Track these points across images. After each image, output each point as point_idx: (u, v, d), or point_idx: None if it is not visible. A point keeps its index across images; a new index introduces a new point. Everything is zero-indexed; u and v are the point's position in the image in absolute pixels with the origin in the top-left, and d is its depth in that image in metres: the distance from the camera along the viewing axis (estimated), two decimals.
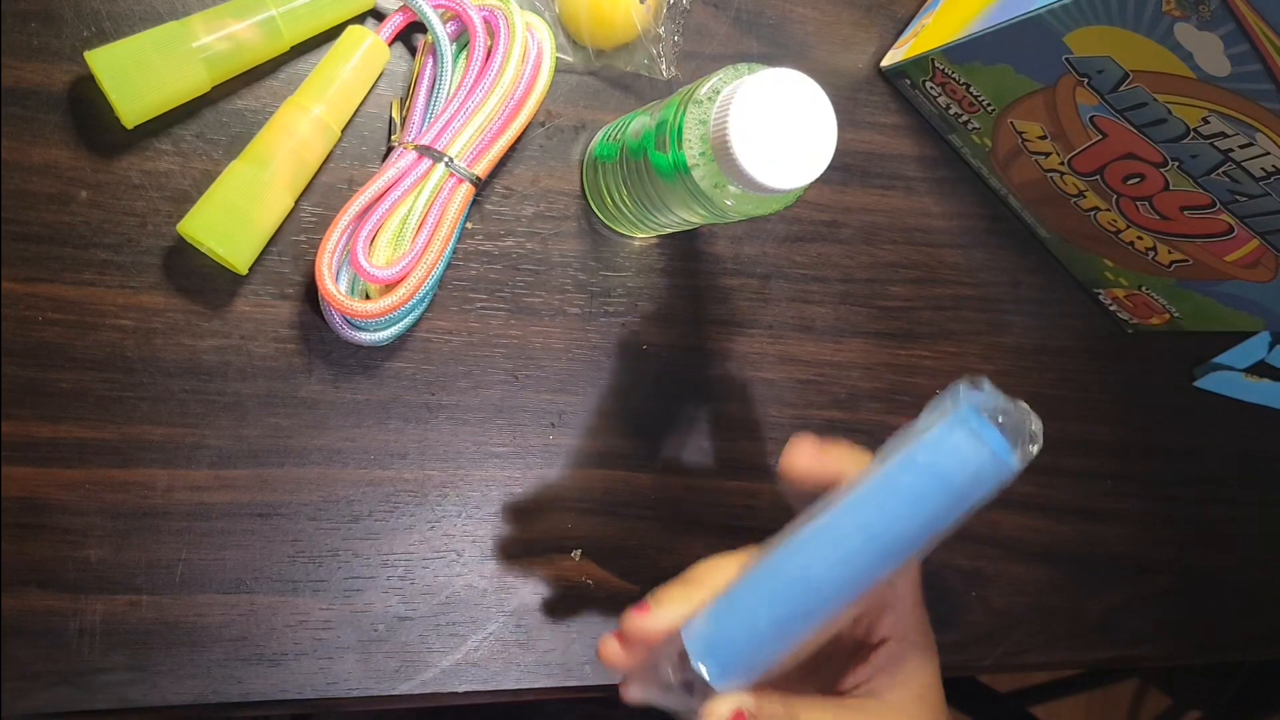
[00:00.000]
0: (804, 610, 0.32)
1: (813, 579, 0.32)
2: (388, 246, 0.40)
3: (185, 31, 0.38)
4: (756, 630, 0.32)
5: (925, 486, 0.31)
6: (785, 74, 0.33)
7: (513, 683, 0.45)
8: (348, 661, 0.43)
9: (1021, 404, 0.32)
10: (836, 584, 0.32)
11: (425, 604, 0.44)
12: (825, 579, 0.32)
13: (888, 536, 0.31)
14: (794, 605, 0.32)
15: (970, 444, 0.31)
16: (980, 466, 0.31)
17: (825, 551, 0.32)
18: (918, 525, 0.31)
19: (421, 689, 0.44)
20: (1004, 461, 0.31)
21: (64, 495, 0.39)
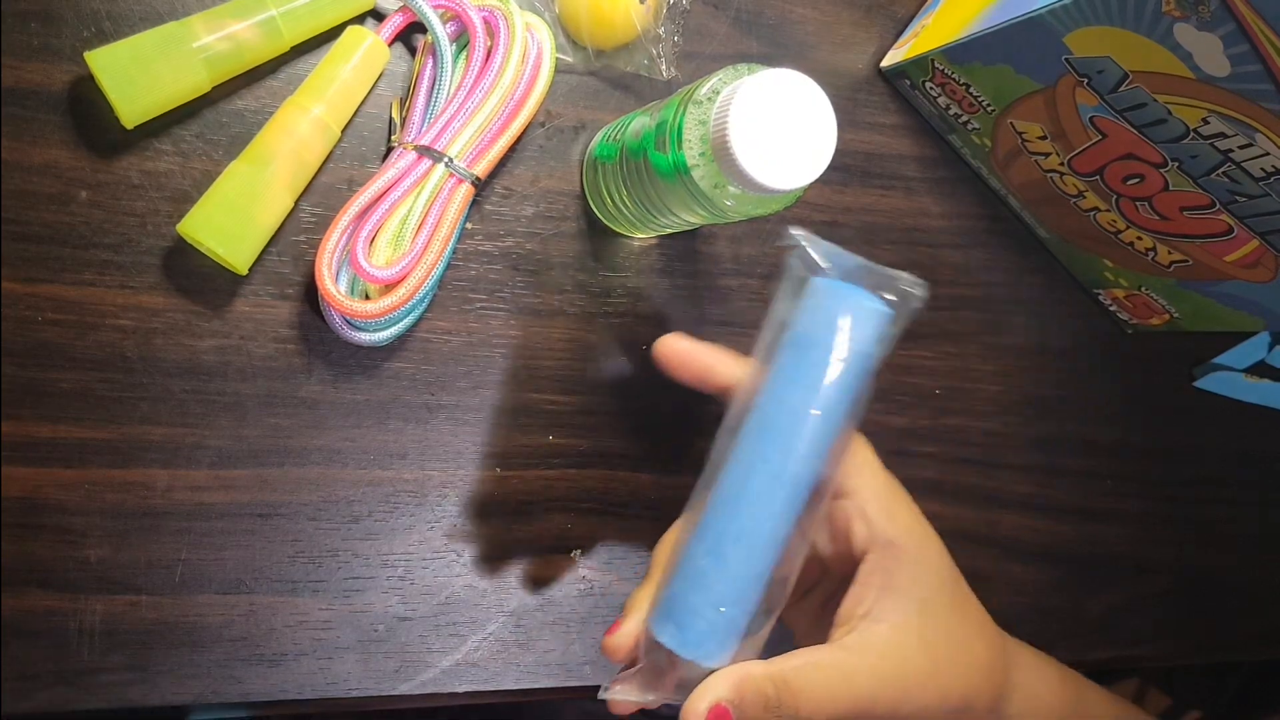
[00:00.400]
0: (739, 535, 0.31)
1: (747, 512, 0.31)
2: (387, 247, 0.40)
3: (185, 32, 0.38)
4: (698, 576, 0.32)
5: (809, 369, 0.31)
6: (785, 74, 0.33)
7: (513, 683, 0.45)
8: (347, 662, 0.43)
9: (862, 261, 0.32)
10: (770, 512, 0.31)
11: (425, 604, 0.44)
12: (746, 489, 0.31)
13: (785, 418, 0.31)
14: (727, 532, 0.31)
15: (832, 309, 0.31)
16: (843, 312, 0.31)
17: (736, 461, 0.31)
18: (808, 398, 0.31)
19: (421, 689, 0.44)
20: (871, 308, 0.31)
21: (64, 495, 0.39)
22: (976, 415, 0.53)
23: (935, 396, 0.52)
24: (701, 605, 0.31)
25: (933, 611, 0.33)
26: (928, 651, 0.33)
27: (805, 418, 0.31)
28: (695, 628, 0.31)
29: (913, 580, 0.33)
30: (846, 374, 0.31)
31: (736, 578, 0.31)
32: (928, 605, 0.33)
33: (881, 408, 0.51)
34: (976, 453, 0.53)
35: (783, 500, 0.31)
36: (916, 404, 0.52)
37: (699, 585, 0.32)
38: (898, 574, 0.33)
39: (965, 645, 0.35)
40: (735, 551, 0.31)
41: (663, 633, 0.32)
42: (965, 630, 0.35)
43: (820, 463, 0.32)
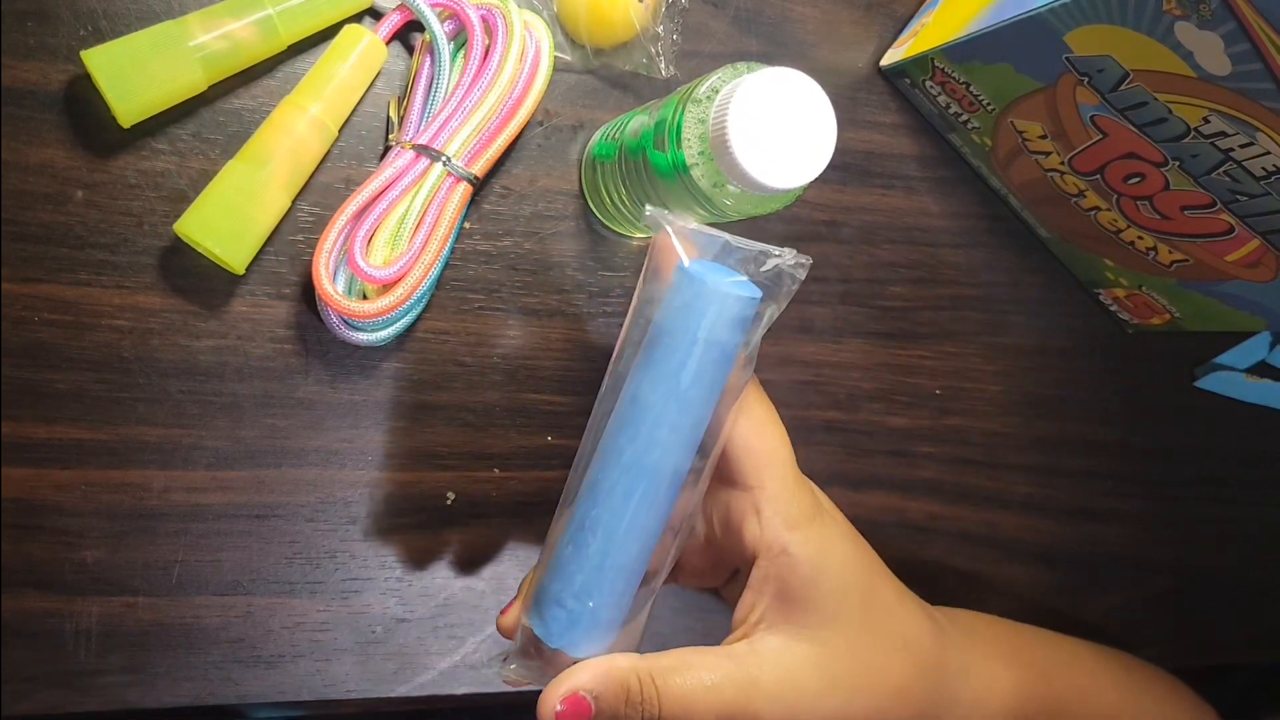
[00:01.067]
0: (595, 525, 0.31)
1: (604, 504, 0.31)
2: (385, 246, 0.39)
3: (182, 31, 0.38)
4: (562, 565, 0.31)
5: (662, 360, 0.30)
6: (784, 73, 0.33)
7: None
8: (345, 663, 0.42)
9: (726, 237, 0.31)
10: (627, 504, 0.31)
11: (423, 606, 0.44)
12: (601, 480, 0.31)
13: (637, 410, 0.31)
14: (585, 522, 0.31)
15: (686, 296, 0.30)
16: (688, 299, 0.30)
17: (592, 453, 0.31)
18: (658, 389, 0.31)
19: (419, 691, 0.44)
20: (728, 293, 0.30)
21: (60, 496, 0.39)
22: (976, 415, 0.53)
23: (935, 397, 0.52)
24: (563, 595, 0.31)
25: (833, 628, 0.32)
26: (821, 670, 0.31)
27: (658, 409, 0.30)
28: (557, 618, 0.31)
29: (810, 594, 0.32)
30: (702, 363, 0.30)
31: (597, 569, 0.31)
32: (827, 621, 0.32)
33: (881, 408, 0.51)
34: (976, 453, 0.53)
35: (641, 492, 0.31)
36: (916, 404, 0.52)
37: (560, 575, 0.32)
38: (792, 585, 0.32)
39: (872, 666, 0.33)
40: (593, 543, 0.31)
41: (531, 621, 0.32)
42: (874, 649, 0.33)
43: (680, 454, 0.31)
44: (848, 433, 0.51)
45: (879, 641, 0.33)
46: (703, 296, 0.30)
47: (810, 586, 0.32)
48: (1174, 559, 0.58)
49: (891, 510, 0.51)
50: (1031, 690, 0.41)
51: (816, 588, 0.32)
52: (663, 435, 0.31)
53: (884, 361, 0.51)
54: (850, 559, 0.33)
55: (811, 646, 0.31)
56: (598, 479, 0.31)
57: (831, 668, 0.32)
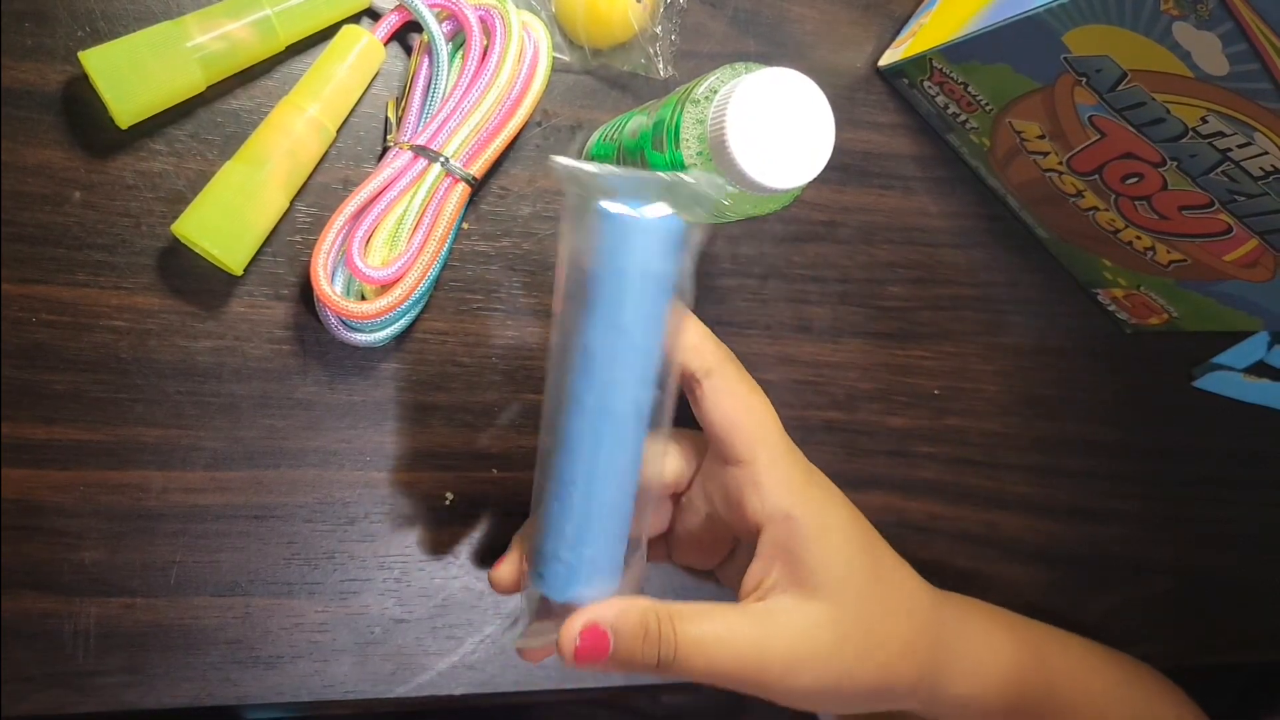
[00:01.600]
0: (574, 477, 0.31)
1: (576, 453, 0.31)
2: (383, 247, 0.39)
3: (180, 31, 0.38)
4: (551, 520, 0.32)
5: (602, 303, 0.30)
6: (783, 73, 0.33)
7: (510, 685, 0.45)
8: (344, 664, 0.42)
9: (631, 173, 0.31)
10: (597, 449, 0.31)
11: (422, 606, 0.44)
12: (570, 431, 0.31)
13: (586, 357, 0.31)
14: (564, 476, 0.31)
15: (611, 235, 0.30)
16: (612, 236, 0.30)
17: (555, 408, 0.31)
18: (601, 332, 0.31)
19: (418, 692, 0.44)
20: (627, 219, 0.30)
21: (58, 497, 0.39)
22: (975, 415, 0.53)
23: (934, 397, 0.52)
24: (558, 549, 0.32)
25: (840, 587, 0.32)
26: (832, 629, 0.32)
27: (607, 352, 0.31)
28: (557, 572, 0.32)
29: (817, 556, 0.32)
30: (640, 298, 0.31)
31: (584, 516, 0.32)
32: (834, 580, 0.32)
33: (880, 408, 0.51)
34: (975, 453, 0.53)
35: (609, 435, 0.31)
36: (915, 404, 0.52)
37: (551, 531, 0.32)
38: (799, 549, 0.32)
39: (879, 624, 0.34)
40: (575, 493, 0.31)
41: (534, 582, 0.32)
42: (880, 608, 0.34)
43: (637, 390, 0.32)
44: (847, 433, 0.51)
45: (884, 601, 0.34)
46: (627, 233, 0.30)
47: (816, 548, 0.32)
48: (1173, 559, 0.58)
49: (891, 510, 0.51)
50: (1027, 663, 0.41)
51: (822, 549, 0.33)
52: (617, 375, 0.31)
53: (883, 361, 0.51)
54: (849, 522, 0.34)
55: (822, 606, 0.32)
56: (567, 432, 0.32)
57: (842, 626, 0.32)
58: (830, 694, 0.33)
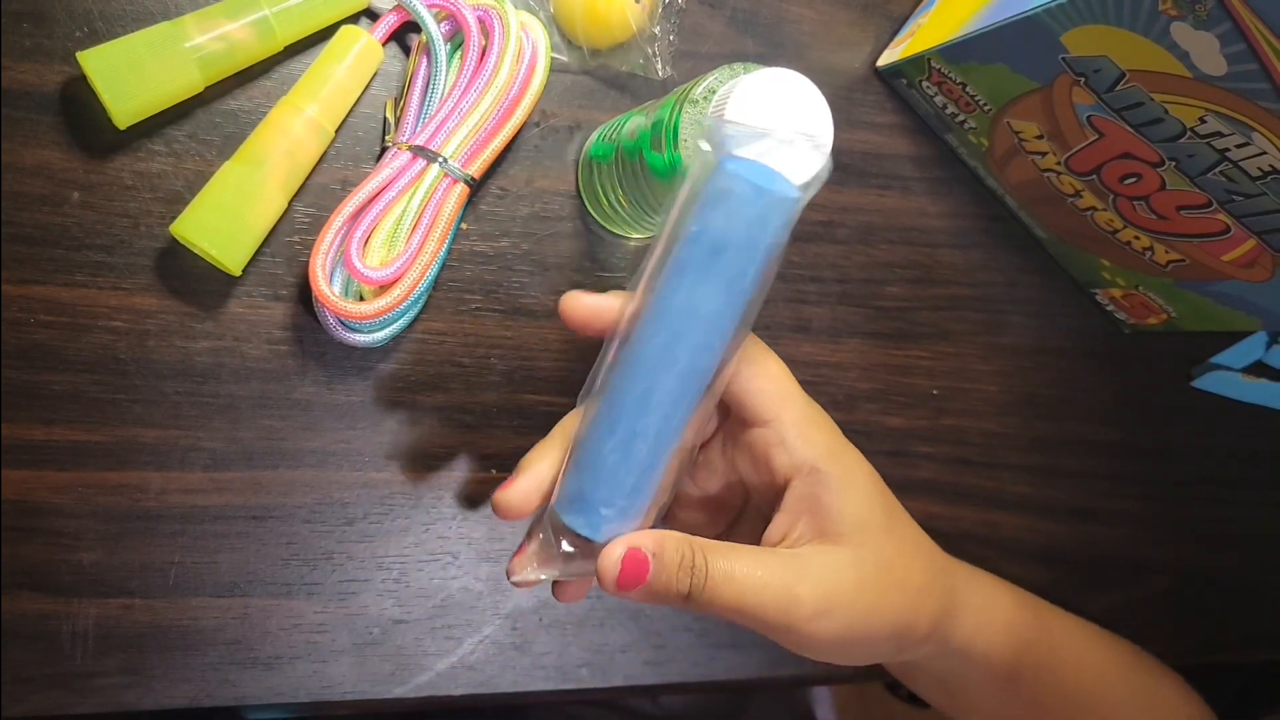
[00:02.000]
0: (647, 431, 0.31)
1: (658, 411, 0.31)
2: (382, 248, 0.39)
3: (178, 31, 0.38)
4: (609, 469, 0.32)
5: (720, 268, 0.31)
6: (781, 73, 0.33)
7: (509, 686, 0.45)
8: (342, 665, 0.42)
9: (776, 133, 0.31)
10: (668, 389, 0.31)
11: (420, 607, 0.44)
12: (655, 387, 0.31)
13: (695, 319, 0.31)
14: (636, 429, 0.31)
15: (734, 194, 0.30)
16: (756, 210, 0.30)
17: (645, 361, 0.31)
18: (718, 298, 0.31)
19: (417, 692, 0.44)
20: (775, 193, 0.30)
21: (57, 498, 0.39)
22: (974, 415, 0.53)
23: (933, 397, 0.52)
24: (612, 497, 0.32)
25: (862, 533, 0.34)
26: (856, 569, 0.33)
27: (715, 318, 0.31)
28: (608, 517, 0.32)
29: (841, 506, 0.34)
30: (756, 270, 0.31)
31: (648, 469, 0.32)
32: (858, 527, 0.34)
33: (879, 408, 0.51)
34: (974, 453, 0.53)
35: (691, 398, 0.32)
36: (914, 404, 0.52)
37: (607, 480, 0.32)
38: (825, 500, 0.34)
39: (898, 565, 0.35)
40: (643, 447, 0.32)
41: (574, 522, 0.32)
42: (899, 551, 0.35)
43: (729, 357, 0.32)
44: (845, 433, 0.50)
45: (903, 545, 0.36)
46: (770, 206, 0.31)
47: (841, 498, 0.34)
48: (1172, 558, 0.58)
49: None
50: (1032, 624, 0.43)
51: (847, 499, 0.34)
52: (713, 340, 0.31)
53: (881, 361, 0.51)
54: (870, 475, 0.36)
55: (846, 549, 0.33)
56: (649, 387, 0.31)
57: (864, 566, 0.34)
58: (855, 637, 0.34)
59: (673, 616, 0.47)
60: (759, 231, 0.31)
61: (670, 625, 0.47)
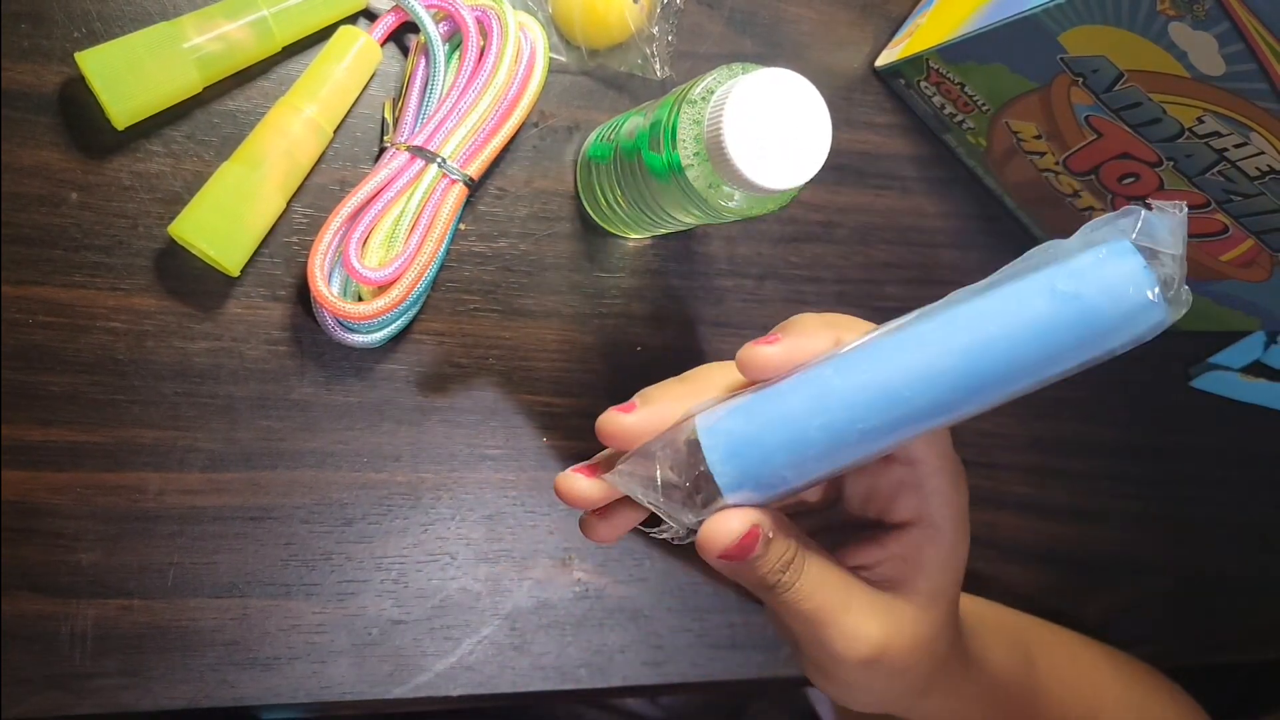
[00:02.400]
0: (868, 425, 0.27)
1: (892, 389, 0.27)
2: (380, 248, 0.39)
3: (176, 32, 0.38)
4: (800, 439, 0.28)
5: (1057, 316, 0.27)
6: (780, 74, 0.33)
7: (508, 686, 0.45)
8: (341, 665, 0.42)
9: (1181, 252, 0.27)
10: (922, 400, 0.27)
11: (419, 607, 0.44)
12: (908, 391, 0.27)
13: (994, 362, 0.27)
14: (860, 416, 0.27)
15: (1129, 281, 0.26)
16: (1132, 309, 0.26)
17: (913, 364, 0.27)
18: (1034, 358, 0.27)
19: (415, 693, 0.44)
20: (1155, 308, 0.26)
21: (55, 499, 0.39)
22: None
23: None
24: (783, 466, 0.28)
25: (937, 602, 0.33)
26: (915, 631, 0.33)
27: (1005, 378, 0.28)
28: (756, 481, 0.29)
29: (941, 569, 0.33)
30: (1076, 369, 0.28)
31: (832, 464, 0.28)
32: (937, 594, 0.33)
33: None
34: (973, 453, 0.53)
35: (916, 429, 0.28)
36: None
37: (798, 453, 0.28)
38: (932, 558, 0.32)
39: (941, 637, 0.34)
40: (850, 445, 0.28)
41: (724, 469, 0.28)
42: (947, 622, 0.35)
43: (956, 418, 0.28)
44: None
45: (952, 615, 0.35)
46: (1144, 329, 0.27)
47: (944, 565, 0.33)
48: (1171, 558, 0.58)
49: None
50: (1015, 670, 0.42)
51: (947, 568, 0.33)
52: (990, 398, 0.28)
53: None
54: (967, 543, 0.34)
55: (916, 610, 0.32)
56: (901, 399, 0.27)
57: (921, 632, 0.33)
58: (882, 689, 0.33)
59: (672, 617, 0.47)
60: (1116, 328, 0.27)
61: (669, 626, 0.47)
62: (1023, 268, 0.28)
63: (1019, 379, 0.28)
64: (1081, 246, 0.27)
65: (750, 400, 0.29)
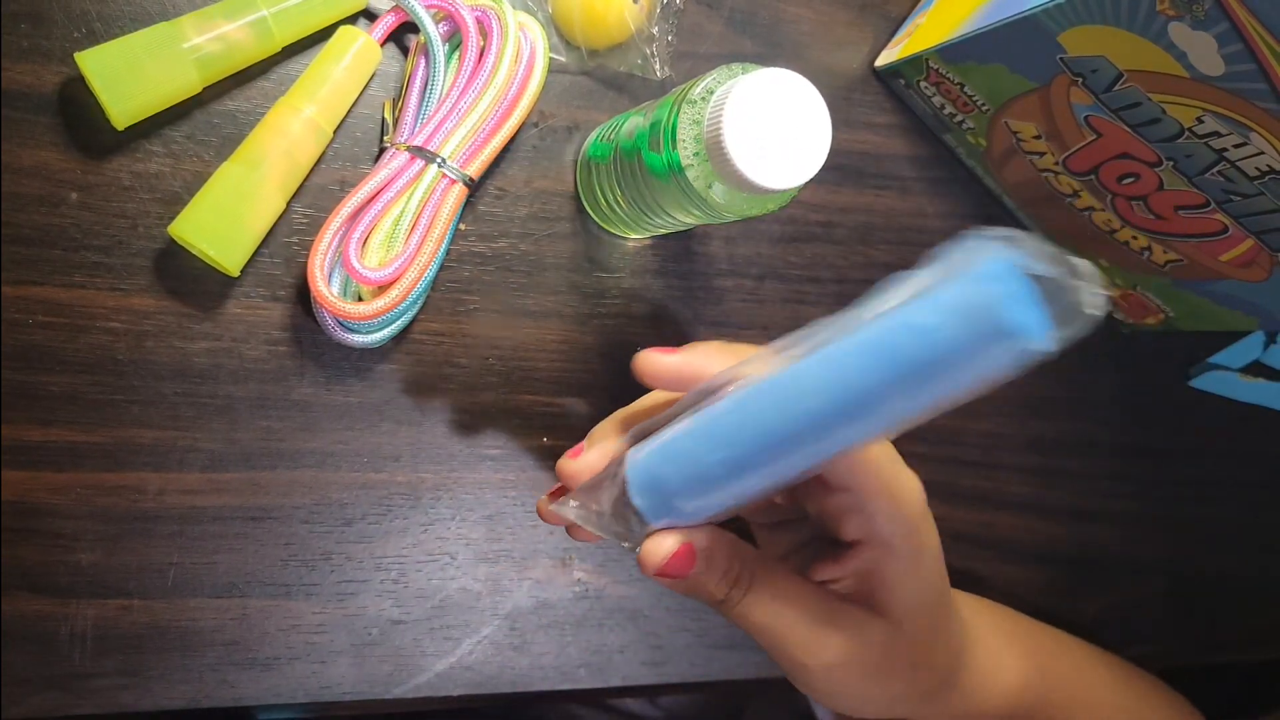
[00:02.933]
0: (754, 461, 0.28)
1: (770, 429, 0.28)
2: (380, 248, 0.39)
3: (176, 32, 0.38)
4: (701, 474, 0.29)
5: (921, 353, 0.26)
6: (779, 74, 0.33)
7: (507, 686, 0.45)
8: (341, 665, 0.42)
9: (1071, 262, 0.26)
10: (793, 440, 0.27)
11: (419, 607, 0.44)
12: (782, 432, 0.27)
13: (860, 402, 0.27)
14: (744, 453, 0.28)
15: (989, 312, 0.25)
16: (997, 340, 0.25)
17: (787, 403, 0.28)
18: (903, 398, 0.27)
19: (415, 693, 0.44)
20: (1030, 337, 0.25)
21: (55, 499, 0.39)
22: (971, 415, 0.53)
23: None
24: (692, 504, 0.30)
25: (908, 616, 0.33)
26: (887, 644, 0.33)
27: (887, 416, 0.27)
28: (675, 509, 0.30)
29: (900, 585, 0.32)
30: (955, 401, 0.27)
31: (736, 498, 0.29)
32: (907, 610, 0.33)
33: None
34: (972, 453, 0.53)
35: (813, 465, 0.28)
36: None
37: (698, 488, 0.29)
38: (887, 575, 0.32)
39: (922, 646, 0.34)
40: (749, 481, 0.29)
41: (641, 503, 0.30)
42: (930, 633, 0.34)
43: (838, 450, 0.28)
44: None
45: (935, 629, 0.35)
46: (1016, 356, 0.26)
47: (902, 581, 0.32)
48: (1170, 559, 0.58)
49: None
50: (1030, 676, 0.42)
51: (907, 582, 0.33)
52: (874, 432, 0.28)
53: None
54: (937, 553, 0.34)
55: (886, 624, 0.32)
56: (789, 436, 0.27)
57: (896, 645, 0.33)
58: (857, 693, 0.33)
59: (671, 617, 0.47)
60: (984, 368, 0.26)
61: (669, 626, 0.47)
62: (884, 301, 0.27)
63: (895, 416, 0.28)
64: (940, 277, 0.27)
65: (669, 435, 0.30)
